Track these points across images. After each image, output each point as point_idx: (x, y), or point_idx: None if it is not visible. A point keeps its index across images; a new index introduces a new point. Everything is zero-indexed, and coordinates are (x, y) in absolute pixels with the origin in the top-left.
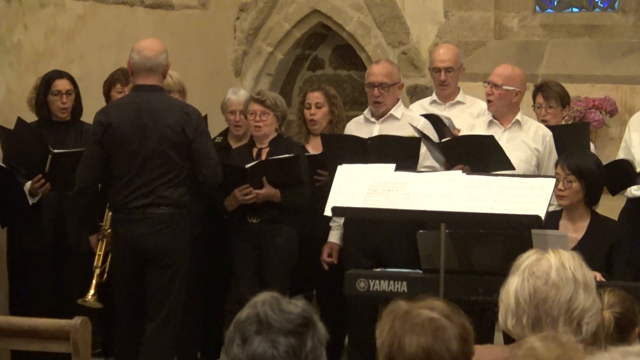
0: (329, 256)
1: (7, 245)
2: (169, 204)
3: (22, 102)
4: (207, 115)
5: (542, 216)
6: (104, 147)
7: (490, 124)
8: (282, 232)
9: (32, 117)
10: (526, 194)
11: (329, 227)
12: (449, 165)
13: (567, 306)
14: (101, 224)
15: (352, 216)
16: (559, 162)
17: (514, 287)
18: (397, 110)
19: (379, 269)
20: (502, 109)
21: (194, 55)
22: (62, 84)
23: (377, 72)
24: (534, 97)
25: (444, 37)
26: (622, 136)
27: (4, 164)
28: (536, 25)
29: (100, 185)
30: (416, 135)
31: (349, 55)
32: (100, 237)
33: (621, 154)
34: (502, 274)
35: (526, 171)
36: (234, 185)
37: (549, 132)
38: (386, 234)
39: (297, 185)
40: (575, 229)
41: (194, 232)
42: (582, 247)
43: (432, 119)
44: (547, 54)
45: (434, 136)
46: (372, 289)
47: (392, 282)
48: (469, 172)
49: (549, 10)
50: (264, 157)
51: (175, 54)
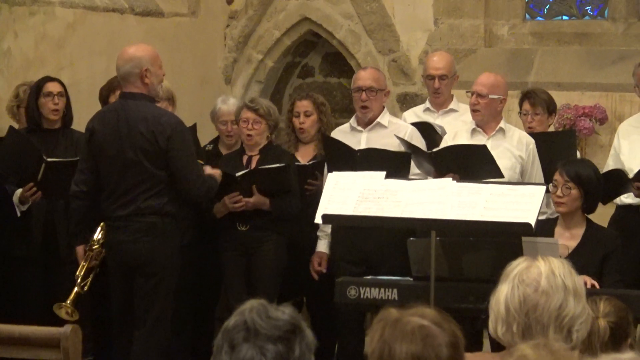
0: (319, 265)
1: None
2: (151, 212)
3: None
4: (195, 124)
5: (533, 223)
6: (91, 154)
7: (473, 132)
8: (271, 240)
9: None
10: (516, 202)
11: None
12: (439, 174)
13: (557, 313)
14: (93, 237)
15: (343, 224)
16: (558, 169)
17: (504, 294)
18: (384, 118)
19: (369, 277)
20: (488, 118)
21: (184, 62)
22: (53, 86)
23: (365, 76)
24: (521, 104)
25: (434, 45)
26: (611, 143)
27: None
28: (526, 33)
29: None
30: (403, 147)
31: (339, 62)
32: (87, 249)
33: (610, 162)
34: (492, 281)
35: (511, 179)
36: (224, 192)
37: (532, 140)
38: (375, 242)
39: (287, 193)
40: (570, 237)
41: (184, 241)
42: (577, 255)
43: (424, 126)
44: (537, 61)
45: (422, 144)
46: (362, 296)
47: (382, 289)
48: (459, 180)
49: (539, 18)
50: (254, 165)
51: (165, 62)
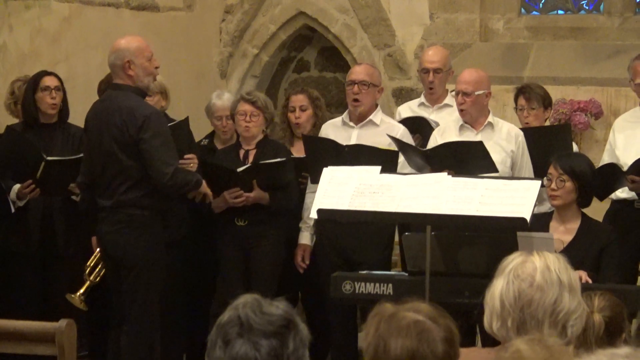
0: (302, 259)
1: None
2: (130, 204)
3: None
4: (187, 117)
5: (528, 218)
6: (86, 145)
7: (461, 128)
8: (270, 235)
9: (10, 121)
10: (511, 196)
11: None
12: (433, 171)
13: (552, 309)
14: None
15: (338, 218)
16: (552, 162)
17: (499, 289)
18: (377, 116)
19: (364, 272)
20: (476, 115)
21: (179, 57)
22: (50, 80)
23: (359, 70)
24: (516, 99)
25: (430, 40)
26: (607, 138)
27: None
28: (521, 27)
29: None
30: (393, 146)
31: (335, 57)
32: (97, 242)
33: (606, 156)
34: (487, 276)
35: (502, 173)
36: (224, 187)
37: (521, 132)
38: (357, 235)
39: (285, 187)
40: (565, 231)
41: (179, 235)
42: (572, 250)
43: (419, 121)
44: (533, 56)
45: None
46: (357, 291)
47: (377, 284)
48: (454, 175)
49: (535, 12)
50: (251, 159)
51: (160, 56)
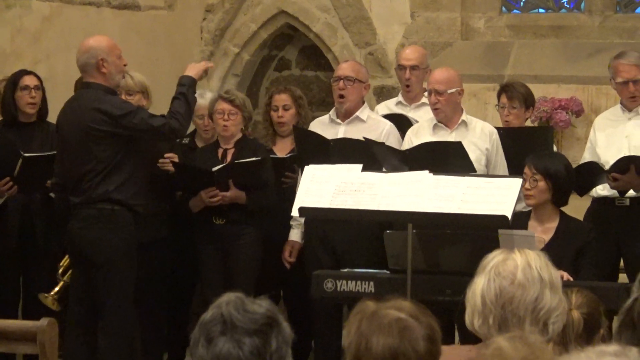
0: (291, 255)
1: None
2: (100, 200)
3: None
4: None
5: (509, 216)
6: (58, 144)
7: (435, 127)
8: (248, 234)
9: None
10: (493, 194)
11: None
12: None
13: (534, 306)
14: None
15: (320, 217)
16: (527, 162)
17: (480, 287)
18: (363, 112)
19: (345, 270)
20: (450, 113)
21: (160, 56)
22: (30, 80)
23: (345, 67)
24: (499, 96)
25: (411, 38)
26: (588, 136)
27: None
28: (502, 26)
29: None
30: (380, 139)
31: (316, 56)
32: (66, 241)
33: (587, 154)
34: (469, 274)
35: (477, 171)
36: (200, 187)
37: (494, 130)
38: (346, 233)
39: (263, 187)
40: (543, 230)
41: (159, 235)
42: (551, 248)
43: (398, 119)
44: (514, 54)
45: (399, 142)
46: (339, 289)
47: (359, 282)
48: (435, 173)
49: (516, 11)
50: (229, 158)
51: (142, 55)
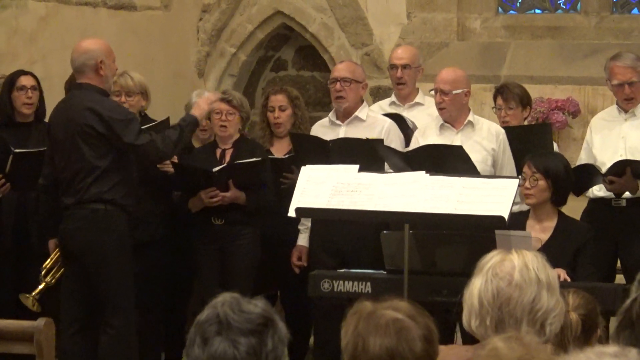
0: (299, 259)
1: None
2: (93, 200)
3: None
4: (169, 117)
5: (506, 217)
6: (49, 145)
7: (442, 127)
8: (246, 234)
9: None
10: (489, 195)
11: (293, 228)
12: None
13: (531, 307)
14: None
15: (316, 217)
16: (526, 161)
17: (477, 288)
18: (362, 111)
19: (342, 270)
20: (455, 113)
21: (156, 56)
22: (26, 80)
23: (341, 67)
24: (495, 98)
25: (407, 39)
26: (584, 137)
27: None
28: (499, 26)
29: None
30: (381, 136)
31: (312, 56)
32: (58, 242)
33: (583, 155)
34: (466, 274)
35: (483, 172)
36: (200, 187)
37: (502, 130)
38: (351, 235)
39: (262, 187)
40: (542, 230)
41: (157, 235)
42: (549, 248)
43: (395, 119)
44: (510, 55)
45: (400, 139)
46: (336, 289)
47: (356, 282)
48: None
49: (512, 11)
50: (227, 158)
51: (138, 55)
